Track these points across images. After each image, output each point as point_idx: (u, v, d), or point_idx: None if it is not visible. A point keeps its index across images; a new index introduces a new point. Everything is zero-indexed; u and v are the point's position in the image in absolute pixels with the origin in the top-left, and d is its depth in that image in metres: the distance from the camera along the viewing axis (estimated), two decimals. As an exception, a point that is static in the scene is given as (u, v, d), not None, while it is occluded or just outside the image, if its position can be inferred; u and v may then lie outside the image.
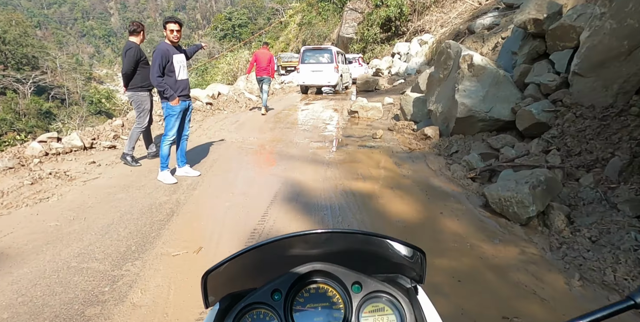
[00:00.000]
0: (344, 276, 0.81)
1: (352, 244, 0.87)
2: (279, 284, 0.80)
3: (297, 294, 0.82)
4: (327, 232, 0.84)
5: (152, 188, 4.44)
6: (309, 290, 0.83)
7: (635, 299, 0.54)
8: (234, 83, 12.89)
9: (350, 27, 29.96)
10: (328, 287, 0.83)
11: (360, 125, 8.54)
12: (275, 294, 0.80)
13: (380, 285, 0.82)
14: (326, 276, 0.83)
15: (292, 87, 18.69)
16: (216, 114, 9.95)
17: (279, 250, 0.85)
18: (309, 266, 0.82)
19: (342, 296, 0.81)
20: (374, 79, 15.39)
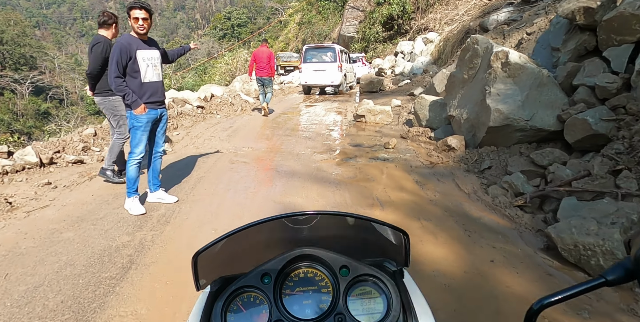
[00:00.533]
0: (332, 260, 0.82)
1: (339, 229, 0.90)
2: (268, 268, 0.81)
3: (286, 277, 0.82)
4: (315, 214, 0.86)
5: (112, 222, 3.41)
6: (298, 274, 0.83)
7: (607, 277, 0.54)
8: (231, 84, 11.90)
9: (352, 25, 28.91)
10: (316, 271, 0.83)
11: (368, 132, 7.52)
12: (265, 277, 0.80)
13: (367, 268, 0.82)
14: (315, 260, 0.83)
15: (292, 87, 17.67)
16: (208, 119, 8.92)
17: (268, 234, 0.87)
18: (298, 250, 0.82)
19: (330, 280, 0.82)
20: (378, 79, 14.37)
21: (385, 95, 13.38)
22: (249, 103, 11.00)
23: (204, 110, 9.08)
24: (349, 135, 7.32)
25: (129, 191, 3.62)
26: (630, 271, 0.52)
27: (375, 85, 14.35)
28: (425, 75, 14.51)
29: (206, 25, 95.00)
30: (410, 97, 12.12)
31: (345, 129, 7.90)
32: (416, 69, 16.71)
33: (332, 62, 13.83)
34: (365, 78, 14.61)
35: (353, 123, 8.54)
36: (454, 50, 14.00)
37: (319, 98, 13.95)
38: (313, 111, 10.72)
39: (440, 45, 16.83)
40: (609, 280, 0.54)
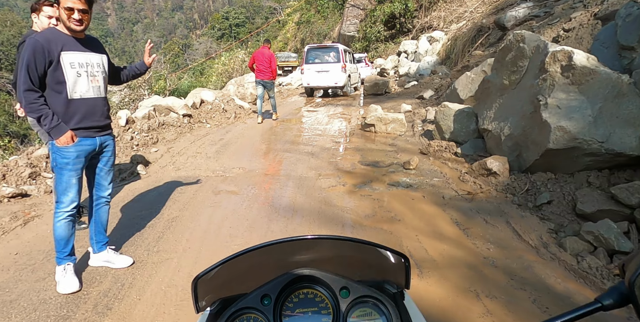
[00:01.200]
0: (332, 281, 0.81)
1: (339, 250, 0.88)
2: (268, 289, 0.80)
3: (286, 299, 0.81)
4: (316, 239, 0.85)
5: (26, 311, 2.25)
6: (298, 295, 0.82)
7: (603, 302, 0.53)
8: (225, 87, 10.73)
9: (352, 24, 27.74)
10: (317, 292, 0.82)
11: (380, 145, 6.38)
12: (265, 299, 0.79)
13: (367, 290, 0.81)
14: (315, 281, 0.82)
15: (290, 90, 16.51)
16: (196, 130, 7.74)
17: (268, 255, 0.84)
18: (298, 271, 0.82)
19: (331, 301, 0.81)
20: (383, 81, 13.22)
21: (391, 98, 12.24)
22: (243, 109, 9.85)
23: (192, 119, 7.89)
24: (358, 149, 6.16)
25: (58, 256, 2.46)
26: (625, 296, 0.51)
27: (381, 87, 13.20)
28: (433, 77, 13.36)
29: (204, 26, 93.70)
30: (419, 101, 10.99)
31: (354, 142, 6.75)
32: (422, 70, 15.56)
33: (336, 63, 12.91)
34: (369, 80, 13.45)
35: (361, 133, 7.40)
36: (465, 49, 12.85)
37: (320, 102, 12.82)
38: (315, 118, 9.57)
39: (448, 44, 15.68)
40: (604, 305, 0.53)
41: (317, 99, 14.01)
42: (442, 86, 10.58)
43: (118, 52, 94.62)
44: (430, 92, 11.22)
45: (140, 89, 24.43)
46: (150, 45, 2.85)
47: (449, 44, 15.51)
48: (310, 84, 13.44)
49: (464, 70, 10.11)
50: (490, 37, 12.01)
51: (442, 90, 10.43)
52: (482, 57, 9.86)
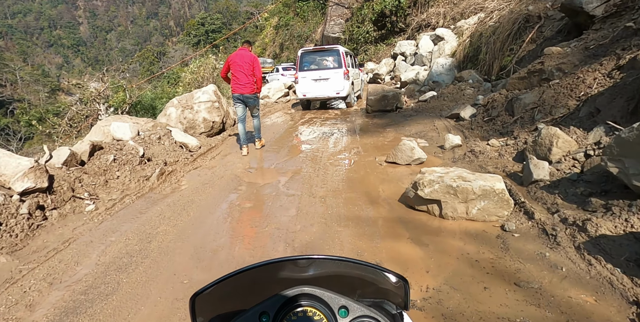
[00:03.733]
0: (331, 300, 0.79)
1: (339, 269, 0.86)
2: (267, 306, 0.78)
3: (284, 316, 0.79)
4: (316, 259, 0.83)
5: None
6: (297, 313, 0.79)
7: None
8: (163, 111, 6.63)
9: (337, 25, 23.87)
10: (315, 310, 0.80)
11: (480, 269, 2.50)
12: (263, 316, 0.77)
13: (366, 310, 0.79)
14: (314, 299, 0.80)
15: (269, 105, 12.49)
16: (48, 229, 3.58)
17: (267, 273, 0.83)
18: (297, 289, 0.80)
19: (329, 320, 0.78)
20: (394, 93, 9.33)
21: (408, 117, 8.38)
22: (188, 150, 5.80)
23: (48, 199, 3.72)
24: (441, 296, 2.25)
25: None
26: None
27: (391, 101, 9.31)
28: (460, 85, 9.55)
29: (180, 33, 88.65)
30: (456, 123, 7.19)
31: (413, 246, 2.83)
32: (436, 76, 11.75)
33: (337, 69, 10.17)
34: (374, 91, 9.55)
35: (408, 216, 3.46)
36: (506, 47, 9.07)
37: (314, 118, 8.93)
38: (312, 156, 5.69)
39: (466, 42, 11.92)
40: None
41: (311, 113, 10.09)
42: (495, 101, 6.77)
43: (91, 61, 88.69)
44: (469, 109, 7.41)
45: (95, 104, 19.95)
46: None
47: (467, 43, 11.76)
48: (306, 95, 10.46)
49: (534, 78, 6.31)
50: (544, 28, 8.27)
51: (495, 107, 6.63)
52: (563, 55, 6.08)
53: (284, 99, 12.91)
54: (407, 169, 4.87)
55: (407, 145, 4.93)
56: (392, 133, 7.15)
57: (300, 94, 10.52)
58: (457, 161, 4.97)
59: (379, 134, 7.15)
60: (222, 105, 7.12)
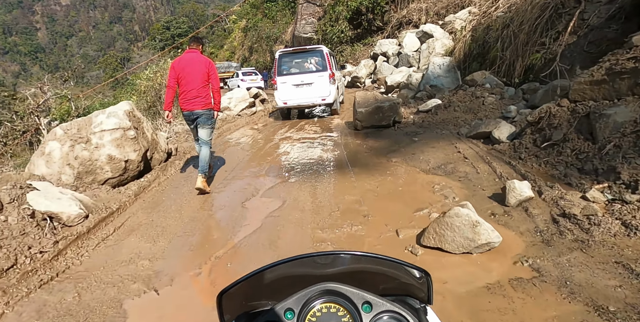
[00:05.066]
0: (354, 295, 0.78)
1: (362, 265, 0.85)
2: (291, 303, 0.77)
3: (309, 313, 0.78)
4: (339, 255, 0.83)
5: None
6: (321, 309, 0.79)
7: None
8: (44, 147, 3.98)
9: (308, 24, 21.43)
10: (339, 306, 0.79)
11: None
12: (288, 312, 0.77)
13: (390, 305, 0.77)
14: (337, 295, 0.79)
15: (230, 119, 9.87)
16: None
17: (291, 270, 0.82)
18: (321, 285, 0.79)
19: (353, 315, 0.77)
20: (390, 103, 6.91)
21: (412, 136, 6.04)
22: (61, 224, 3.17)
23: None
24: None
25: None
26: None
27: (387, 114, 6.93)
28: (475, 91, 7.27)
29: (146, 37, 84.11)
30: (495, 150, 4.88)
31: None
32: (434, 79, 9.48)
33: (321, 72, 8.86)
34: (364, 101, 7.12)
35: None
36: (533, 41, 6.85)
37: (288, 140, 6.45)
38: (286, 249, 3.13)
39: (467, 38, 9.71)
40: None
41: (282, 129, 7.57)
42: (553, 117, 4.47)
43: (51, 68, 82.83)
44: (506, 127, 5.12)
45: (33, 117, 16.71)
46: None
47: (468, 38, 9.55)
48: (287, 102, 9.01)
49: (622, 82, 4.03)
50: (586, 15, 6.09)
51: (557, 126, 4.33)
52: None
53: (249, 110, 10.32)
54: (470, 264, 2.47)
55: (465, 218, 2.53)
56: (402, 166, 4.75)
57: (280, 102, 8.95)
58: (553, 244, 2.60)
59: (382, 168, 4.73)
60: (143, 132, 4.54)
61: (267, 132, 7.88)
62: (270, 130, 8.12)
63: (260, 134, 7.84)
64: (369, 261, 0.83)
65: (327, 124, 8.24)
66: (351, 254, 0.84)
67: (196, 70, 4.53)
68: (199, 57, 4.65)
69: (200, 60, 4.58)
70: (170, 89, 4.60)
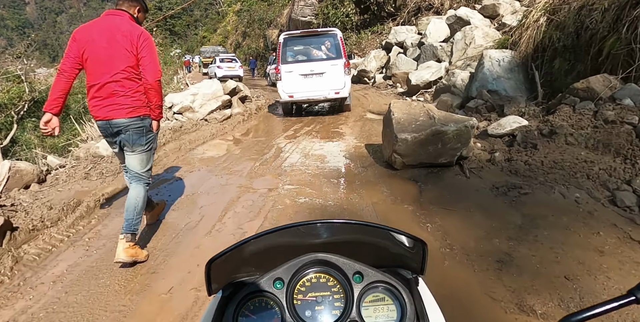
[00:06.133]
0: (346, 266, 0.74)
1: (354, 234, 0.80)
2: (281, 272, 0.74)
3: (298, 283, 0.75)
4: (331, 223, 0.77)
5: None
6: (311, 279, 0.75)
7: (637, 295, 0.49)
8: None
9: (307, 6, 17.82)
10: (329, 276, 0.75)
11: None
12: (277, 282, 0.73)
13: (381, 275, 0.74)
14: (328, 265, 0.75)
15: (193, 124, 6.45)
16: None
17: (281, 239, 0.77)
18: (311, 255, 0.75)
19: (344, 286, 0.74)
20: (458, 126, 3.68)
21: (512, 199, 2.82)
22: None
23: None
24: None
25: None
26: None
27: (451, 145, 3.67)
28: (612, 110, 4.01)
29: (138, 17, 78.65)
30: None
31: None
32: (493, 81, 6.24)
33: (335, 60, 7.14)
34: (410, 118, 3.84)
35: None
36: None
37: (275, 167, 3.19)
38: None
39: (541, 23, 6.43)
40: (638, 297, 0.49)
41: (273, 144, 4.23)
42: None
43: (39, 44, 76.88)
44: None
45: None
46: None
47: (543, 25, 6.25)
48: (294, 96, 7.19)
49: None
50: None
51: None
52: None
53: (221, 113, 6.94)
54: None
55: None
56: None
57: (285, 95, 7.23)
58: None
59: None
60: None
61: (247, 148, 4.60)
62: (248, 144, 4.82)
63: (236, 151, 4.53)
64: (361, 231, 0.77)
65: (338, 146, 4.95)
66: (343, 222, 0.77)
67: (114, 47, 2.28)
68: (125, 24, 2.33)
69: (125, 31, 2.29)
70: (63, 76, 2.27)
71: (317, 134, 5.75)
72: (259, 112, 8.02)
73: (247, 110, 7.52)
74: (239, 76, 17.68)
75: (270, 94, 11.87)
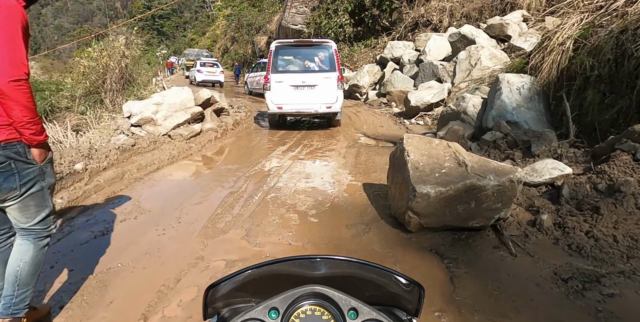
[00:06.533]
0: (342, 300, 0.72)
1: (353, 270, 0.80)
2: (277, 302, 0.71)
3: (293, 314, 0.72)
4: (330, 259, 0.78)
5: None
6: (306, 311, 0.72)
7: None
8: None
9: (299, 14, 16.84)
10: (324, 310, 0.72)
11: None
12: (272, 312, 0.71)
13: (376, 314, 0.71)
14: (324, 299, 0.73)
15: (153, 140, 5.16)
16: None
17: (280, 269, 0.78)
18: (308, 287, 0.72)
19: (337, 321, 0.72)
20: (500, 180, 2.64)
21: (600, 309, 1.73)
22: None
23: None
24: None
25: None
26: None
27: (487, 206, 2.59)
28: None
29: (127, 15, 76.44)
30: None
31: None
32: (512, 110, 5.25)
33: (328, 72, 6.82)
34: (432, 164, 2.77)
35: None
36: None
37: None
38: None
39: (567, 47, 5.53)
40: None
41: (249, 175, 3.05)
42: None
43: (19, 36, 73.56)
44: None
45: None
46: None
47: (570, 49, 5.35)
48: (283, 107, 6.74)
49: None
50: None
51: None
52: None
53: (189, 129, 5.71)
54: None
55: None
56: None
57: (273, 106, 6.82)
58: None
59: None
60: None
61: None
62: (216, 179, 3.63)
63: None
64: (361, 268, 0.77)
65: (329, 184, 3.81)
66: (343, 260, 0.78)
67: None
68: None
69: None
70: None
71: (302, 164, 4.60)
72: (237, 128, 6.84)
73: (221, 126, 6.32)
74: (219, 82, 16.50)
75: (254, 105, 10.68)
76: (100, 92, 12.32)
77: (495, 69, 7.64)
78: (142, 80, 13.89)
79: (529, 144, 4.55)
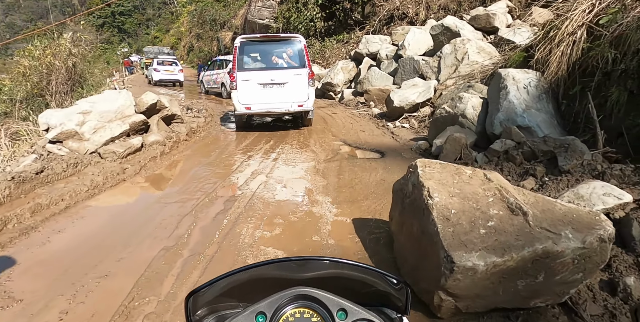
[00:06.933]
0: (330, 302, 0.69)
1: (340, 271, 0.77)
2: (264, 307, 0.68)
3: (281, 317, 0.69)
4: (316, 260, 0.75)
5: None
6: (294, 314, 0.70)
7: None
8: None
9: (266, 8, 15.55)
10: (313, 312, 0.70)
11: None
12: (260, 316, 0.68)
13: (365, 313, 0.69)
14: (312, 300, 0.70)
15: (78, 161, 3.85)
16: None
17: (265, 273, 0.75)
18: (295, 290, 0.70)
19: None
20: (584, 243, 1.69)
21: None
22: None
23: None
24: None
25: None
26: None
27: (564, 277, 1.59)
28: None
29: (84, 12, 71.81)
30: None
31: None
32: (522, 113, 4.32)
33: (298, 69, 6.35)
34: (460, 204, 1.76)
35: None
36: None
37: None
38: None
39: (579, 39, 4.66)
40: None
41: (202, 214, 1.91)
42: None
43: (-34, 35, 67.79)
44: None
45: None
46: None
47: (583, 41, 4.49)
48: (251, 107, 6.20)
49: None
50: None
51: None
52: None
53: (127, 143, 4.43)
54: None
55: None
56: None
57: (241, 107, 6.12)
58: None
59: None
60: None
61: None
62: (149, 223, 2.46)
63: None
64: (346, 268, 0.74)
65: (309, 225, 2.72)
66: (328, 260, 0.75)
67: None
68: None
69: None
70: None
71: (272, 190, 3.49)
72: (192, 138, 5.61)
73: (171, 137, 5.07)
74: (179, 81, 15.08)
75: (216, 107, 9.41)
76: (45, 95, 10.68)
77: (485, 64, 6.77)
78: (95, 81, 12.33)
79: (550, 155, 3.62)
